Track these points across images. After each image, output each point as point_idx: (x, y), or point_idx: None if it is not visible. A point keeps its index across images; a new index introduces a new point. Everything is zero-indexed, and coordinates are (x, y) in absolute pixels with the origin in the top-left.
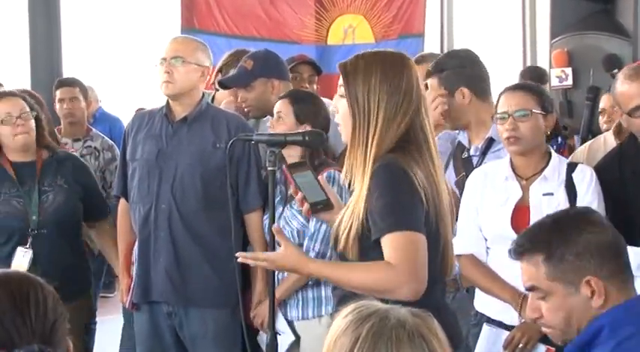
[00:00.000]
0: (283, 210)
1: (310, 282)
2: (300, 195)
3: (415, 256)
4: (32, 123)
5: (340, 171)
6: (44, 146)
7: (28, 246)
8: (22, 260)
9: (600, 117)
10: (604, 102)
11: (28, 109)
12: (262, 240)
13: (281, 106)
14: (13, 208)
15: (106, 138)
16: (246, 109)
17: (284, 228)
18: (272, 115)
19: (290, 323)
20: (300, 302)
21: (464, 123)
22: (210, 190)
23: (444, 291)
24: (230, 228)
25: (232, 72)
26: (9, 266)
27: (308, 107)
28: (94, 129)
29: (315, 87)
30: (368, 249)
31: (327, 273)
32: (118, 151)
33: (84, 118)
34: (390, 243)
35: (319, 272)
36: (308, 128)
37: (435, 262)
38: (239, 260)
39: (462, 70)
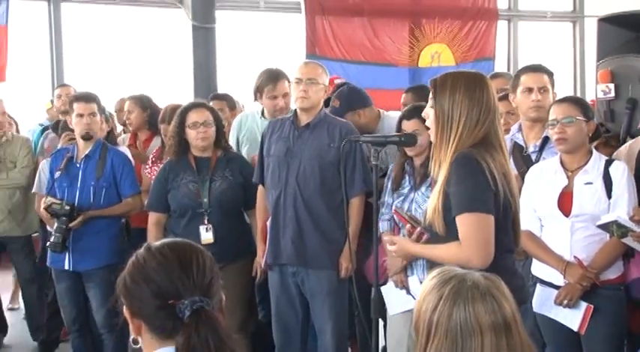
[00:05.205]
0: (414, 195)
1: None
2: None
3: (480, 233)
4: (212, 130)
5: None
6: (221, 147)
7: (207, 223)
8: (206, 235)
9: None
10: None
11: (211, 119)
12: (357, 222)
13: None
14: (189, 191)
15: None
16: None
17: (415, 210)
18: (371, 132)
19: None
20: (423, 267)
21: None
22: (326, 179)
23: (513, 259)
24: (339, 208)
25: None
26: (190, 237)
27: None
28: None
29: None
30: (450, 223)
31: (423, 253)
32: None
33: None
34: (461, 222)
35: (419, 252)
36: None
37: (509, 234)
38: (384, 239)
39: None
